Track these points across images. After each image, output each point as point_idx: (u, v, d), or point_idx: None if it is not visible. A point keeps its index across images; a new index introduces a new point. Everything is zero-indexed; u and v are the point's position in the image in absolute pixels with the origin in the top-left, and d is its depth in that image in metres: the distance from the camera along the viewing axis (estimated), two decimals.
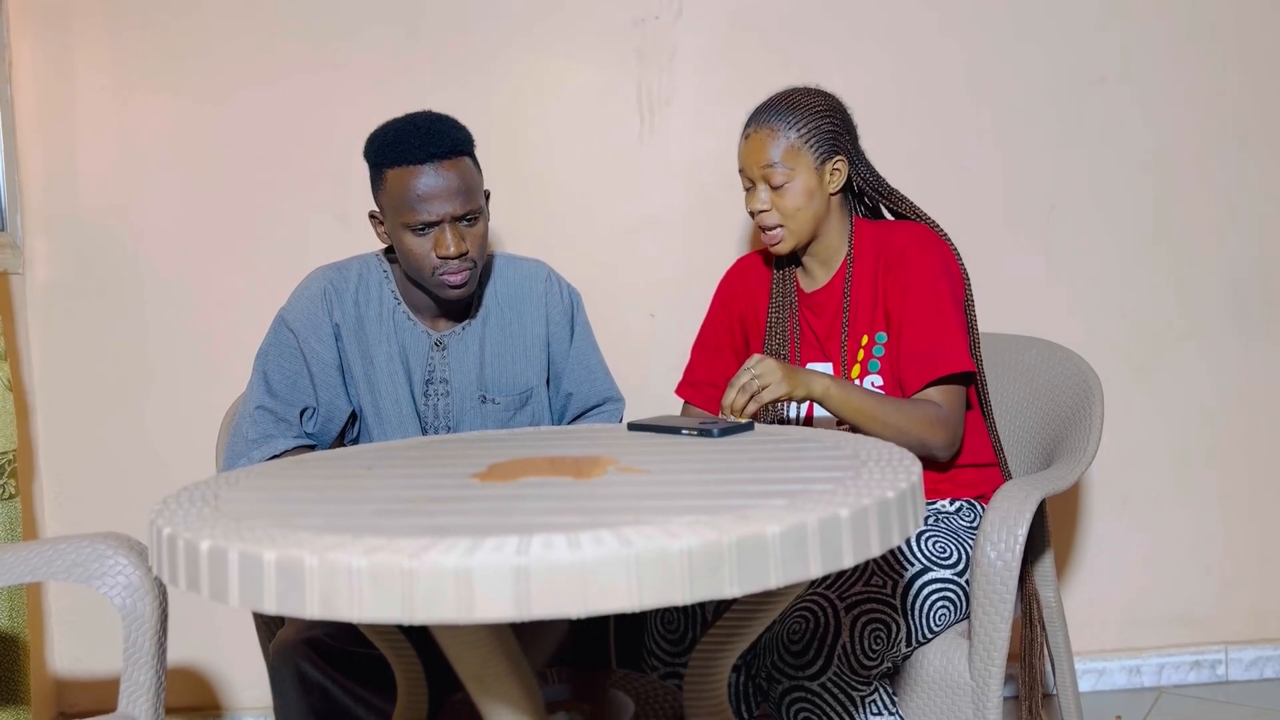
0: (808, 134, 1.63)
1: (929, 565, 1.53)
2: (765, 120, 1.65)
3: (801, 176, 1.63)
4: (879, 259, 1.67)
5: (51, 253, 2.18)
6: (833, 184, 1.66)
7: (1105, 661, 2.31)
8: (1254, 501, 2.33)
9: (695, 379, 1.86)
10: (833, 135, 1.65)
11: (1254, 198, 2.28)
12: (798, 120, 1.63)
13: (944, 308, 1.60)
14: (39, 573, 1.32)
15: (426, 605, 0.75)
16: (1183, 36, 2.25)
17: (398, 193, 1.53)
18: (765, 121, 1.65)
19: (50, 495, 2.20)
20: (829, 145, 1.64)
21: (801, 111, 1.64)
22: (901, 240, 1.65)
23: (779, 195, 1.64)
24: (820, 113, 1.65)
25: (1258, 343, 2.30)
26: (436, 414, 1.68)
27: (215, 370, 2.18)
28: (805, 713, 1.40)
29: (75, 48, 2.16)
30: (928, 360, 1.57)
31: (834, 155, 1.65)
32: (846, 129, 1.68)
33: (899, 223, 1.71)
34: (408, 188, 1.52)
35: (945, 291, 1.61)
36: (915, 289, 1.61)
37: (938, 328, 1.58)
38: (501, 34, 2.19)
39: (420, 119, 1.56)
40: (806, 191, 1.64)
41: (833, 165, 1.65)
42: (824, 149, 1.64)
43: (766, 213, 1.65)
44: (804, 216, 1.65)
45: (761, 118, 1.66)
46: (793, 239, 1.66)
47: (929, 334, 1.58)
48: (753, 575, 0.79)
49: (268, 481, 1.12)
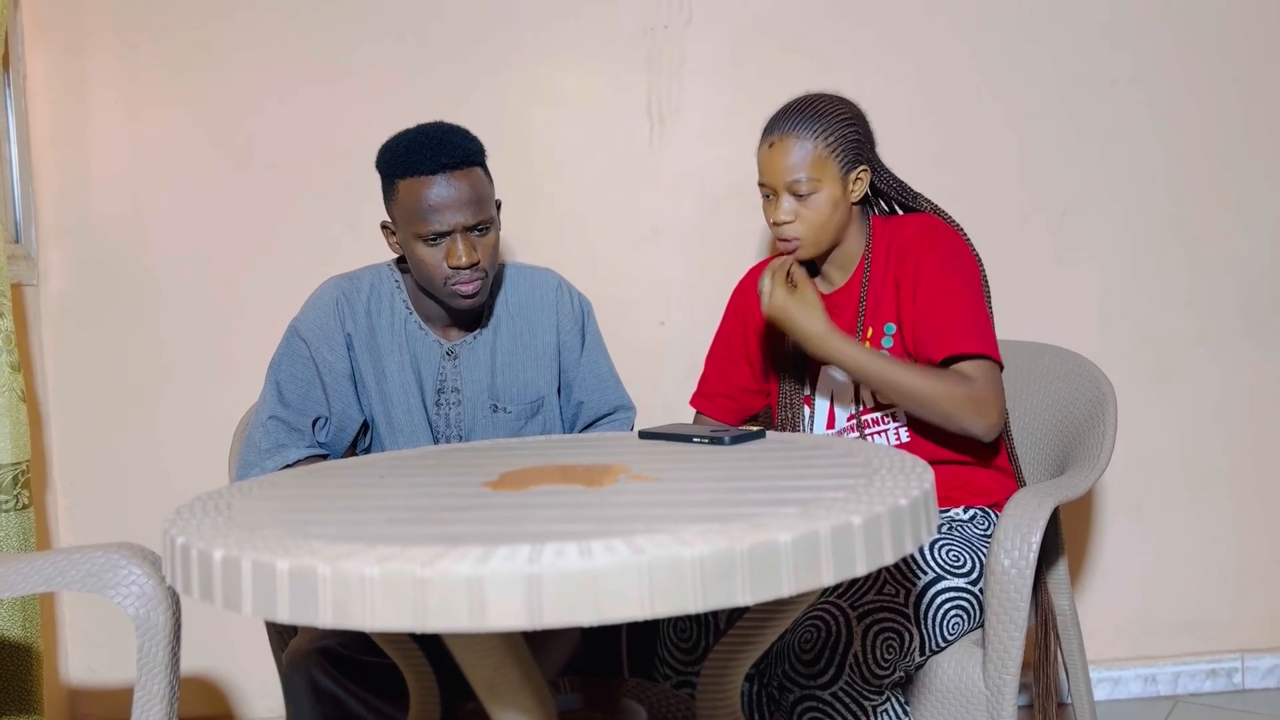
0: (834, 143, 1.59)
1: (942, 574, 1.52)
2: (789, 128, 1.60)
3: (828, 187, 1.60)
4: (891, 252, 1.66)
5: (65, 264, 2.19)
6: (855, 193, 1.64)
7: (1120, 670, 2.29)
8: (1269, 508, 2.31)
9: (710, 390, 1.85)
10: (857, 144, 1.62)
11: (1267, 203, 2.27)
12: (823, 129, 1.59)
13: (969, 293, 1.58)
14: (53, 582, 1.32)
15: (439, 614, 0.75)
16: (1194, 40, 2.24)
17: (410, 203, 1.54)
18: (790, 130, 1.60)
19: (64, 505, 2.21)
20: (853, 154, 1.62)
21: (827, 120, 1.60)
22: (911, 228, 1.64)
23: (804, 205, 1.60)
24: (845, 121, 1.62)
25: (1271, 348, 2.29)
26: (448, 423, 1.68)
27: (228, 380, 2.19)
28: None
29: (89, 61, 2.17)
30: (958, 336, 1.54)
31: (858, 164, 1.63)
32: (868, 137, 1.66)
33: (909, 215, 1.70)
34: (420, 198, 1.52)
35: (969, 278, 1.59)
36: (938, 276, 1.58)
37: (967, 311, 1.56)
38: (511, 44, 2.20)
39: (432, 129, 1.57)
40: (832, 202, 1.61)
41: (856, 174, 1.63)
42: (849, 158, 1.61)
43: (790, 224, 1.61)
44: (829, 228, 1.62)
45: (785, 126, 1.61)
46: (813, 249, 1.64)
47: (959, 316, 1.56)
48: (765, 583, 0.78)
49: (280, 491, 1.13)
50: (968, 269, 1.62)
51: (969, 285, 1.60)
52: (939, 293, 1.58)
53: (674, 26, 2.21)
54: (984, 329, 1.57)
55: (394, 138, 1.59)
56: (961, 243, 1.65)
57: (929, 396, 1.52)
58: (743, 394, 1.83)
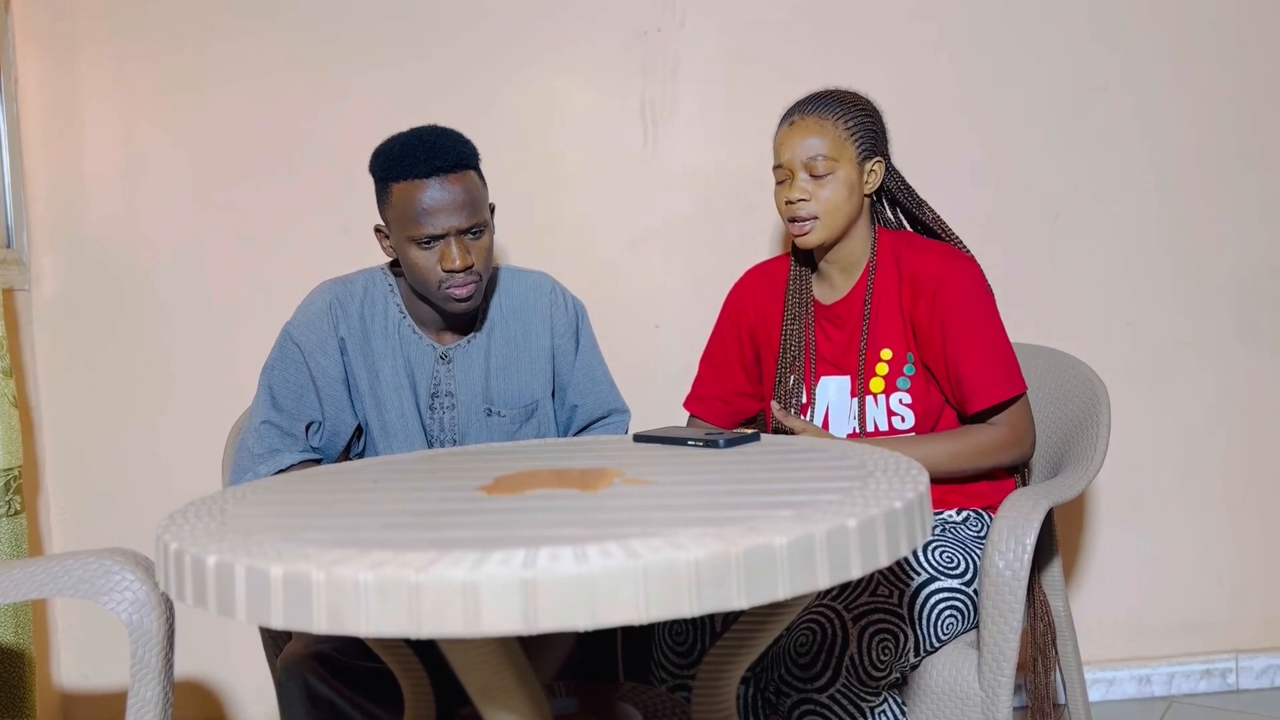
0: (854, 127, 1.63)
1: (936, 575, 1.52)
2: (812, 110, 1.64)
3: (844, 170, 1.62)
4: (903, 278, 1.65)
5: (57, 269, 2.19)
6: (869, 184, 1.66)
7: (1115, 671, 2.29)
8: (1263, 509, 2.32)
9: (703, 394, 1.85)
10: (874, 135, 1.65)
11: (1259, 205, 2.28)
12: (845, 113, 1.63)
13: (993, 333, 1.60)
14: (45, 589, 1.31)
15: (434, 619, 0.75)
16: (1185, 44, 2.25)
17: (403, 206, 1.53)
18: (811, 111, 1.64)
19: (56, 511, 2.20)
20: (870, 144, 1.65)
21: (849, 106, 1.64)
22: (933, 265, 1.63)
23: (820, 185, 1.62)
24: (864, 110, 1.66)
25: (1264, 350, 2.30)
26: (442, 427, 1.67)
27: (221, 385, 2.19)
28: None
29: (81, 65, 2.17)
30: (990, 388, 1.59)
31: (874, 155, 1.65)
32: (883, 133, 1.69)
33: (924, 242, 1.69)
34: (413, 201, 1.52)
35: (989, 313, 1.61)
36: (964, 317, 1.60)
37: (992, 352, 1.59)
38: (505, 47, 2.20)
39: (426, 133, 1.56)
40: (848, 186, 1.63)
41: (871, 165, 1.65)
42: (866, 146, 1.64)
43: (805, 202, 1.62)
44: (842, 212, 1.63)
45: (807, 108, 1.65)
46: (823, 232, 1.64)
47: (983, 360, 1.59)
48: (761, 587, 0.78)
49: (274, 496, 1.12)
50: (986, 307, 1.63)
51: (989, 325, 1.62)
52: (980, 339, 1.60)
53: (667, 30, 2.21)
54: (1009, 369, 1.60)
55: (387, 141, 1.59)
56: (982, 276, 1.65)
57: (962, 457, 1.60)
58: (736, 397, 1.83)
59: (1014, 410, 1.61)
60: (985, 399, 1.59)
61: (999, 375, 1.59)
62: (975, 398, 1.59)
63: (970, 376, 1.59)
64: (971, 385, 1.59)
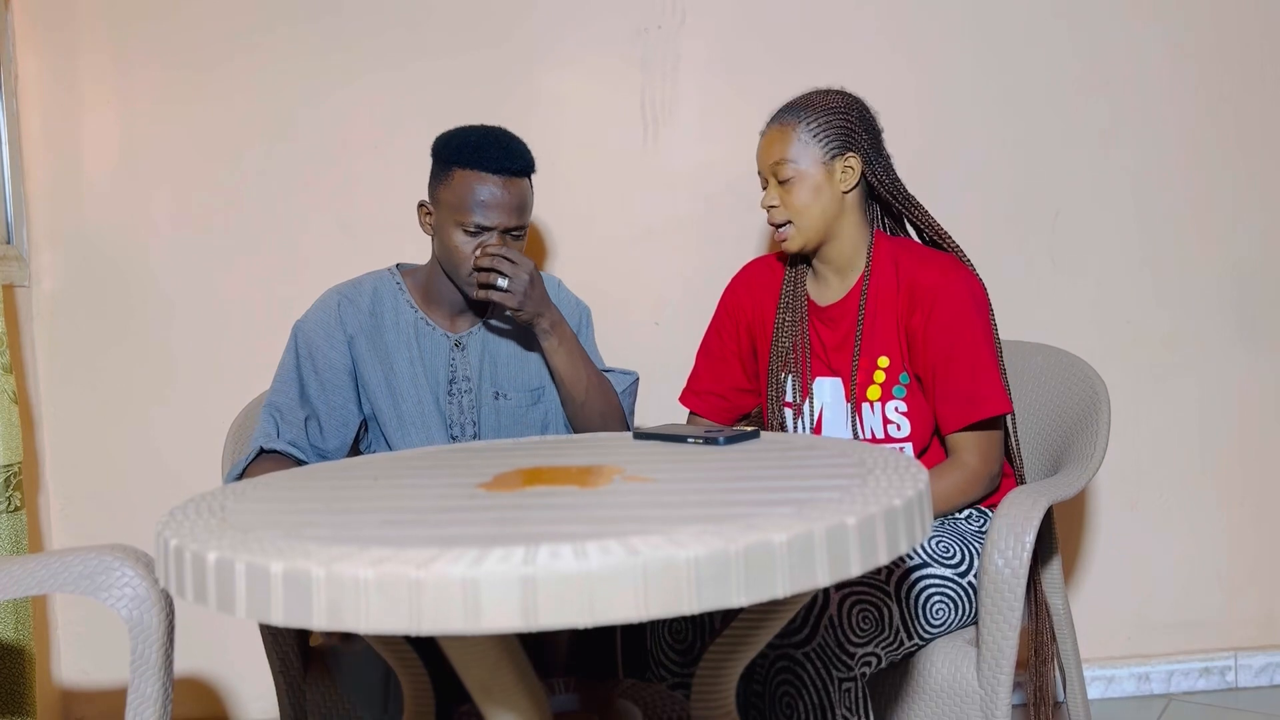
0: (816, 129, 1.64)
1: (929, 561, 1.53)
2: (776, 118, 1.68)
3: (809, 172, 1.63)
4: (901, 288, 1.64)
5: (57, 265, 2.19)
6: (844, 182, 1.65)
7: (1114, 669, 2.29)
8: (1261, 507, 2.32)
9: (700, 388, 1.85)
10: (845, 132, 1.64)
11: (1259, 203, 2.28)
12: (807, 116, 1.64)
13: (979, 349, 1.59)
14: (45, 585, 1.31)
15: (434, 616, 0.75)
16: (1187, 42, 2.25)
17: (462, 191, 1.61)
18: (776, 119, 1.68)
19: (56, 507, 2.20)
20: (839, 142, 1.64)
21: (813, 109, 1.65)
22: (932, 278, 1.61)
23: (786, 191, 1.65)
24: (833, 110, 1.65)
25: (1263, 348, 2.29)
26: (461, 410, 1.71)
27: (220, 381, 2.19)
28: (786, 685, 1.39)
29: (80, 61, 2.17)
30: (967, 404, 1.58)
31: (845, 152, 1.64)
32: (864, 128, 1.66)
33: (927, 253, 1.67)
34: (473, 191, 1.60)
35: (980, 331, 1.60)
36: (951, 331, 1.59)
37: (976, 370, 1.58)
38: (505, 44, 2.20)
39: (499, 133, 1.66)
40: (813, 188, 1.64)
41: (844, 163, 1.64)
42: (834, 145, 1.63)
43: (775, 209, 1.66)
44: (812, 214, 1.64)
45: (774, 116, 1.69)
46: (801, 237, 1.66)
47: (967, 377, 1.58)
48: (760, 584, 0.78)
49: (274, 493, 1.12)
50: (987, 321, 1.63)
51: (989, 341, 1.61)
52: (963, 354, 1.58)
53: (667, 27, 2.21)
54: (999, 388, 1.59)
55: (460, 129, 1.67)
56: (979, 288, 1.64)
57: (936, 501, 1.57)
58: (734, 393, 1.83)
59: (986, 437, 1.60)
60: (956, 422, 1.58)
61: (975, 401, 1.57)
62: (948, 421, 1.59)
63: (945, 399, 1.59)
64: (946, 409, 1.59)
